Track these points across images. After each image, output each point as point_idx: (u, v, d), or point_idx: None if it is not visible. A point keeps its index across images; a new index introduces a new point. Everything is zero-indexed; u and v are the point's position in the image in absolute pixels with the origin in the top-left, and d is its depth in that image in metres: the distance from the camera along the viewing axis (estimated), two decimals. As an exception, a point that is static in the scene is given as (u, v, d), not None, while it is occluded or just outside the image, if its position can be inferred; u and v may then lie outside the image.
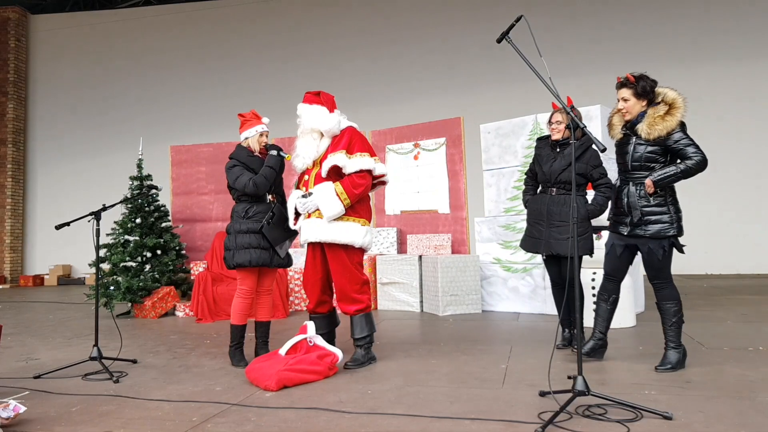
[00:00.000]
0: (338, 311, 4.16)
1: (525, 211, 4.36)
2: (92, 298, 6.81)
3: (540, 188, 4.24)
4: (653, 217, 3.44)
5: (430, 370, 3.73)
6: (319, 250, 3.95)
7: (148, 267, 6.83)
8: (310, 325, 3.78)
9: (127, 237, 6.89)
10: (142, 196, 6.90)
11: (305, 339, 3.70)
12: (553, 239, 3.95)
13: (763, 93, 10.03)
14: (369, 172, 3.83)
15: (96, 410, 3.06)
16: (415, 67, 11.59)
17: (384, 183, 4.07)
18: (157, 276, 6.80)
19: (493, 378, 3.49)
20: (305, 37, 12.30)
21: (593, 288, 5.11)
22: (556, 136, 4.03)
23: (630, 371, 3.54)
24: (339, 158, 3.74)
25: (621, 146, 3.59)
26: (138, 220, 6.86)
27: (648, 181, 3.40)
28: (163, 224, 7.16)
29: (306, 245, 4.03)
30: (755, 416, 2.65)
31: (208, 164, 7.86)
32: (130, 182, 7.14)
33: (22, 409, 2.81)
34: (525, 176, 4.40)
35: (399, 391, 3.27)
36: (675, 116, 3.37)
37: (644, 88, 3.44)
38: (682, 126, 3.42)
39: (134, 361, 4.21)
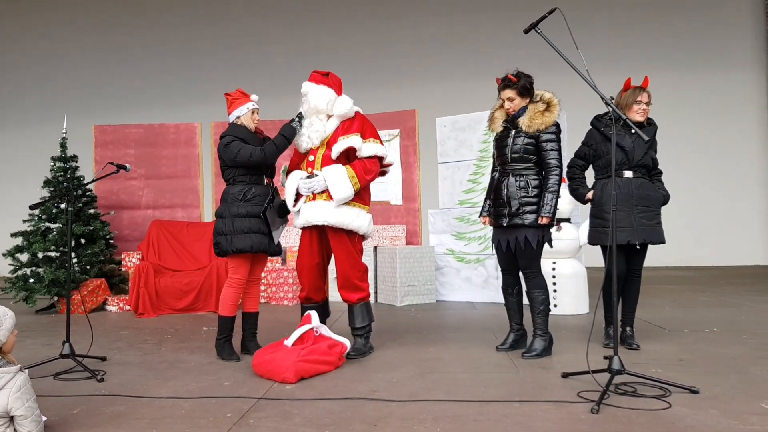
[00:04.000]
0: (333, 300, 4.02)
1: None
2: (7, 292, 6.03)
3: (599, 173, 3.98)
4: (530, 207, 3.61)
5: (435, 357, 3.72)
6: (316, 234, 3.80)
7: (74, 257, 6.17)
8: (314, 315, 3.62)
9: (48, 224, 6.18)
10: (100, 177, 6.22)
11: (311, 329, 3.54)
12: (644, 226, 3.73)
13: (720, 94, 10.55)
14: (380, 159, 3.76)
15: (104, 412, 2.73)
16: (369, 57, 11.21)
17: (384, 174, 3.99)
18: (86, 267, 6.17)
19: (503, 363, 3.56)
20: (240, 15, 11.54)
21: (553, 277, 5.38)
22: (640, 118, 3.78)
23: (625, 353, 3.70)
24: (355, 141, 3.63)
25: (501, 140, 3.74)
26: (63, 205, 6.17)
27: (543, 220, 3.56)
28: (91, 210, 6.50)
29: (301, 229, 3.86)
30: (766, 386, 2.93)
31: (138, 147, 7.25)
32: (52, 163, 6.41)
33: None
34: (574, 164, 4.05)
35: (423, 378, 3.23)
36: (553, 113, 3.60)
37: (525, 86, 3.62)
38: (557, 127, 3.64)
39: (103, 359, 3.81)
